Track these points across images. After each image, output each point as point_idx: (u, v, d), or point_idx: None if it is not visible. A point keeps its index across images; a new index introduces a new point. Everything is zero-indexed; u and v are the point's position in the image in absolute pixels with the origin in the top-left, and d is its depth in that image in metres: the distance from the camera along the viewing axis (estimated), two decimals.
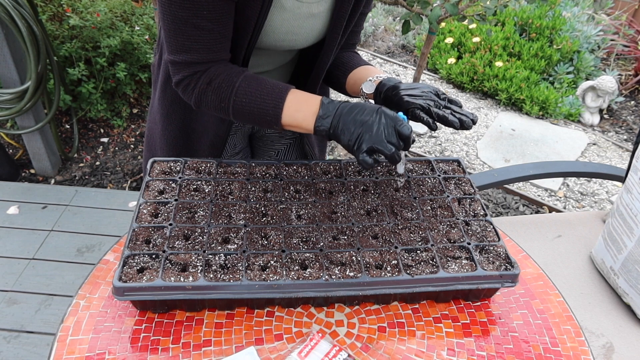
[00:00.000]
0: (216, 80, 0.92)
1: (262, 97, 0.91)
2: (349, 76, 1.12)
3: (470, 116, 0.92)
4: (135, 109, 2.92)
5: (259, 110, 0.91)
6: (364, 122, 0.85)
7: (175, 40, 0.90)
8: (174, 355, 0.80)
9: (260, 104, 0.91)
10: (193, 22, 0.86)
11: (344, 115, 0.87)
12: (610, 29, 3.98)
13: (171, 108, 1.11)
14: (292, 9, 0.95)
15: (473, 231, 0.96)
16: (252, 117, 0.93)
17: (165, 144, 1.16)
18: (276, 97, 0.91)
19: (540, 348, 0.87)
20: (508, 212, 2.59)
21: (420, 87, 0.97)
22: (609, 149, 3.20)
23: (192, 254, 0.85)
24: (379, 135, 0.84)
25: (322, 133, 0.89)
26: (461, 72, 3.59)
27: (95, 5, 2.51)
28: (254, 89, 0.91)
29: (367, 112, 0.86)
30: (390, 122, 0.85)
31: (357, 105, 0.88)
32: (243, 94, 0.91)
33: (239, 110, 0.93)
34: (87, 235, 2.14)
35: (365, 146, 0.84)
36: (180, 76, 0.94)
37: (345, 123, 0.86)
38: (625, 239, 1.30)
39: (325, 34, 1.04)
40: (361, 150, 0.84)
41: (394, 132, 0.85)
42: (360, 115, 0.86)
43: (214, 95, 0.93)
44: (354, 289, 0.84)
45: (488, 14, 1.83)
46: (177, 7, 0.85)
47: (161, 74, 1.08)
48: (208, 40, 0.90)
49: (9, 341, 1.72)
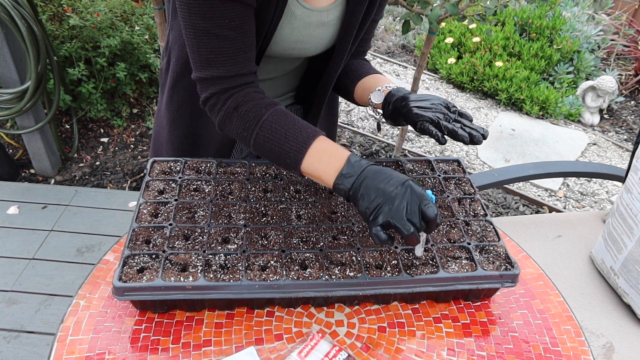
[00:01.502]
0: (243, 107, 0.88)
1: (286, 137, 0.85)
2: (358, 85, 1.09)
3: (481, 131, 0.88)
4: (135, 109, 2.92)
5: (280, 150, 0.85)
6: (386, 193, 0.77)
7: (199, 55, 0.87)
8: (174, 355, 0.80)
9: (282, 144, 0.85)
10: (215, 33, 0.84)
11: (368, 178, 0.79)
12: (610, 29, 3.98)
13: (177, 114, 1.10)
14: (303, 17, 0.94)
15: (473, 231, 0.96)
16: (272, 155, 0.87)
17: (171, 148, 1.15)
18: (301, 141, 0.84)
19: (540, 348, 0.87)
20: (508, 212, 2.59)
21: (430, 98, 0.94)
22: (609, 149, 3.20)
23: (192, 254, 0.85)
24: (399, 211, 0.75)
25: (341, 192, 0.82)
26: (461, 72, 3.59)
27: (95, 5, 2.51)
28: (281, 127, 0.85)
29: (392, 182, 0.78)
30: (415, 198, 0.76)
31: (384, 171, 0.81)
32: (268, 128, 0.86)
33: (260, 145, 0.87)
34: (87, 235, 2.14)
35: (382, 219, 0.76)
36: (207, 94, 0.91)
37: (367, 188, 0.79)
38: (625, 239, 1.30)
39: (336, 42, 1.03)
40: (376, 223, 0.76)
41: (417, 211, 0.76)
42: (384, 183, 0.78)
43: (238, 122, 0.89)
44: (354, 289, 0.84)
45: (488, 14, 1.83)
46: (199, 18, 0.83)
47: (169, 79, 1.07)
48: (232, 51, 0.86)
49: (9, 341, 1.72)
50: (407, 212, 0.76)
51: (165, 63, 1.09)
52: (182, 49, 1.01)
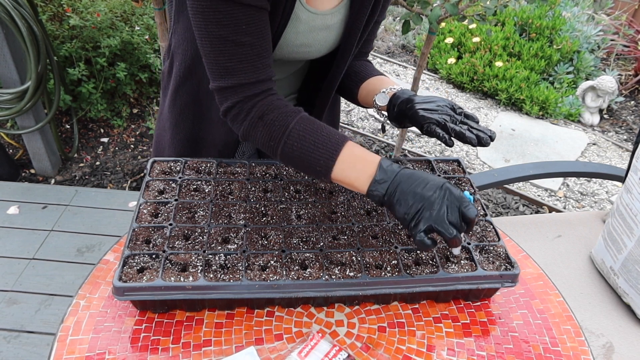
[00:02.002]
0: (269, 116, 0.86)
1: (315, 144, 0.84)
2: (362, 87, 1.09)
3: (488, 133, 0.88)
4: (135, 109, 2.92)
5: (310, 158, 0.84)
6: (425, 197, 0.77)
7: (217, 64, 0.85)
8: (174, 355, 0.80)
9: (312, 152, 0.84)
10: (233, 40, 0.82)
11: (402, 183, 0.79)
12: (610, 29, 3.98)
13: (180, 117, 1.10)
14: (307, 21, 0.93)
15: (473, 231, 0.96)
16: (301, 164, 0.86)
17: (173, 151, 1.15)
18: (331, 149, 0.83)
19: (540, 348, 0.87)
20: (508, 212, 2.59)
21: (435, 100, 0.93)
22: (609, 149, 3.20)
23: (192, 254, 0.85)
24: (441, 216, 0.76)
25: (375, 199, 0.82)
26: (461, 72, 3.59)
27: (95, 5, 2.51)
28: (309, 135, 0.84)
29: (429, 186, 0.78)
30: (455, 201, 0.77)
31: (418, 175, 0.80)
32: (296, 137, 0.84)
33: (288, 154, 0.86)
34: (87, 235, 2.14)
35: (424, 225, 0.76)
36: (229, 103, 0.88)
37: (403, 193, 0.79)
38: (625, 239, 1.30)
39: (339, 44, 1.02)
40: (419, 230, 0.76)
41: (457, 213, 0.77)
42: (421, 188, 0.78)
43: (264, 131, 0.86)
44: (354, 289, 0.84)
45: (488, 14, 1.83)
46: (215, 26, 0.81)
47: (172, 83, 1.07)
48: (251, 57, 0.85)
49: (9, 341, 1.72)
50: (448, 215, 0.76)
51: (168, 66, 1.08)
52: (186, 53, 1.00)
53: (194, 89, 1.05)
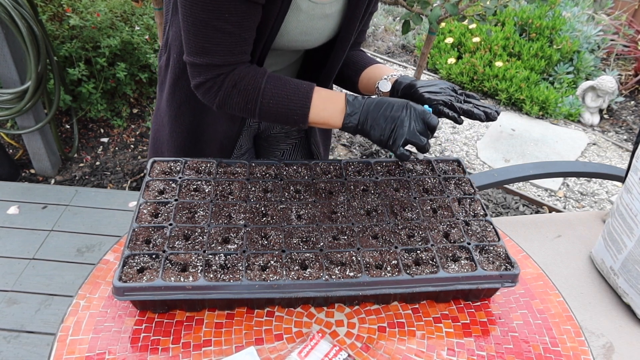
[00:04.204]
0: (241, 83, 0.93)
1: (288, 97, 0.93)
2: (362, 75, 1.12)
3: (494, 108, 0.94)
4: (135, 109, 2.92)
5: (287, 111, 0.94)
6: (395, 118, 0.89)
7: (195, 42, 0.89)
8: (174, 355, 0.80)
9: (287, 104, 0.93)
10: (214, 25, 0.86)
11: (371, 111, 0.91)
12: (610, 29, 3.98)
13: (180, 110, 1.10)
14: (307, 10, 0.95)
15: (473, 231, 0.96)
16: (279, 117, 0.95)
17: (173, 146, 1.15)
18: (302, 97, 0.93)
19: (540, 348, 0.87)
20: (508, 212, 2.59)
21: (437, 83, 0.99)
22: (609, 149, 3.20)
23: (192, 254, 0.85)
24: (412, 130, 0.89)
25: (350, 130, 0.93)
26: (461, 72, 3.59)
27: (95, 5, 2.51)
28: (280, 90, 0.93)
29: (396, 108, 0.90)
30: (419, 115, 0.90)
31: (383, 100, 0.92)
32: (270, 95, 0.93)
33: (266, 111, 0.94)
34: (87, 235, 2.14)
35: (401, 140, 0.89)
36: (201, 79, 0.93)
37: (374, 119, 0.90)
38: (625, 239, 1.30)
39: (338, 34, 1.05)
40: (397, 145, 0.89)
41: (423, 125, 0.90)
42: (389, 111, 0.90)
43: (239, 98, 0.94)
44: (354, 289, 0.84)
45: (488, 14, 1.83)
46: (199, 9, 0.84)
47: (169, 76, 1.07)
48: (229, 43, 0.89)
49: (9, 341, 1.72)
50: (418, 128, 0.90)
51: (165, 60, 1.08)
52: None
53: None
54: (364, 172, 1.08)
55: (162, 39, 1.11)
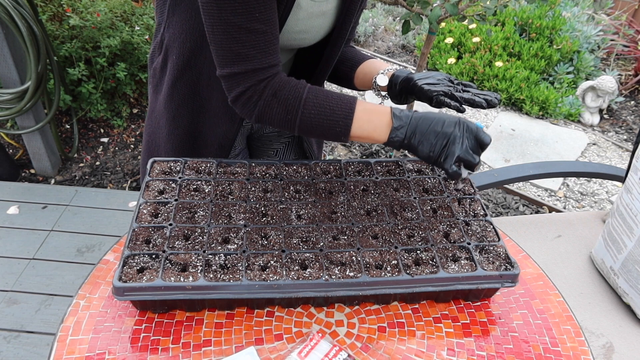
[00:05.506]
0: (282, 92, 0.91)
1: (331, 108, 0.90)
2: (357, 71, 1.13)
3: (493, 95, 0.94)
4: (135, 109, 2.92)
5: (329, 122, 0.91)
6: (447, 134, 0.87)
7: (229, 51, 0.88)
8: (174, 355, 0.80)
9: (330, 116, 0.90)
10: (247, 27, 0.85)
11: (419, 125, 0.88)
12: (610, 29, 3.98)
13: (178, 112, 1.09)
14: (306, 8, 0.96)
15: (473, 231, 0.96)
16: (320, 129, 0.92)
17: (170, 148, 1.14)
18: (346, 108, 0.90)
19: (540, 348, 0.87)
20: (508, 212, 2.59)
21: (433, 75, 0.99)
22: (609, 149, 3.20)
23: (192, 254, 0.85)
24: (465, 147, 0.87)
25: (395, 144, 0.90)
26: (461, 72, 3.59)
27: (95, 5, 2.51)
28: (322, 101, 0.91)
29: (447, 124, 0.88)
30: (472, 132, 0.88)
31: (432, 115, 0.89)
32: (311, 105, 0.90)
33: (307, 122, 0.91)
34: (87, 235, 2.14)
35: (453, 159, 0.87)
36: (241, 88, 0.91)
37: (423, 134, 0.88)
38: (625, 239, 1.30)
39: (332, 31, 1.05)
40: (450, 163, 0.87)
41: (475, 142, 0.88)
42: (440, 126, 0.88)
43: (280, 108, 0.91)
44: (354, 289, 0.84)
45: (488, 14, 1.83)
46: (230, 13, 0.83)
47: (167, 78, 1.06)
48: (263, 44, 0.88)
49: (9, 341, 1.72)
50: (471, 145, 0.88)
51: (161, 62, 1.07)
52: (184, 46, 1.00)
53: (193, 81, 1.05)
54: (364, 172, 1.08)
55: (153, 41, 1.10)
